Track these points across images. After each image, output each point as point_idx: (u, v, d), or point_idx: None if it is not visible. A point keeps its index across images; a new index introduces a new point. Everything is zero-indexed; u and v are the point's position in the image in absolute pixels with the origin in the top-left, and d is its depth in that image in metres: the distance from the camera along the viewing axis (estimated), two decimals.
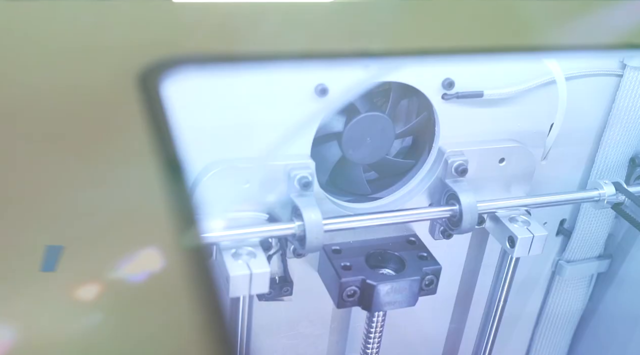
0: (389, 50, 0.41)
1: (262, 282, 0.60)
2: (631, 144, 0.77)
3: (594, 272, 0.86)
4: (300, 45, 0.39)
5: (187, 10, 0.37)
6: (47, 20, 0.33)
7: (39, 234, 0.31)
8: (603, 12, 0.46)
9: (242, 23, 0.38)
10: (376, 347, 0.73)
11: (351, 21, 0.40)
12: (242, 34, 0.38)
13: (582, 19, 0.45)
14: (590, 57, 0.68)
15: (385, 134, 0.69)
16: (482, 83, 0.67)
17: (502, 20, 0.45)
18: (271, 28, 0.38)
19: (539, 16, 0.45)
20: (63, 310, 0.31)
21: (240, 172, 0.62)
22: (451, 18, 0.43)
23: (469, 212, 0.67)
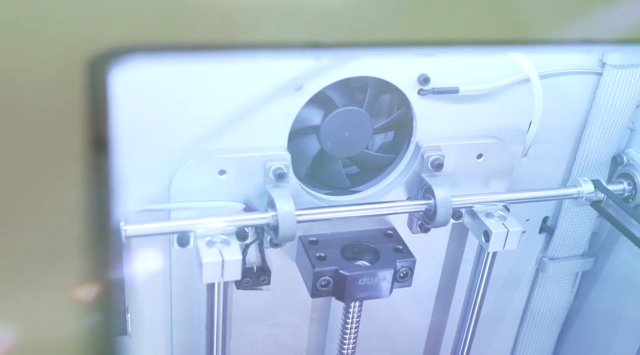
0: (345, 41, 0.42)
1: (234, 269, 0.62)
2: (612, 142, 0.77)
3: (578, 270, 0.87)
4: (256, 35, 0.41)
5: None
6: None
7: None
8: (584, 6, 0.46)
9: (201, 11, 0.40)
10: (353, 337, 0.74)
11: (310, 11, 0.42)
12: (202, 22, 0.40)
13: (563, 13, 0.46)
14: (570, 52, 0.69)
15: (364, 129, 0.70)
16: (459, 79, 0.68)
17: (477, 12, 0.46)
18: (228, 16, 0.40)
19: (516, 9, 0.45)
20: None
21: (216, 162, 0.64)
22: (423, 8, 0.43)
23: (443, 206, 0.68)
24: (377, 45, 0.44)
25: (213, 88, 0.61)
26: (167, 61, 0.52)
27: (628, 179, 0.77)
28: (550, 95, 0.73)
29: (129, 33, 0.40)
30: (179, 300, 0.71)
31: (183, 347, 0.74)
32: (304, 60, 0.61)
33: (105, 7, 0.39)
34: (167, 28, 0.41)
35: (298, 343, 0.79)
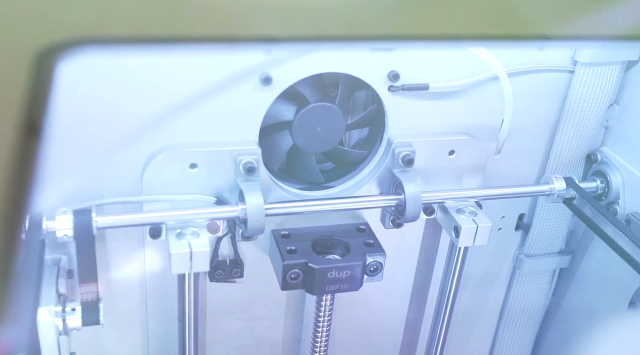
0: (297, 36, 0.43)
1: (203, 261, 0.63)
2: (586, 140, 0.78)
3: (555, 267, 0.87)
4: (207, 28, 0.42)
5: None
6: None
7: None
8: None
9: (153, 4, 0.41)
10: (326, 330, 0.75)
11: (262, 4, 0.43)
12: (154, 15, 0.41)
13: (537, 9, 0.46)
14: (546, 47, 0.70)
15: (336, 124, 0.71)
16: (429, 76, 0.69)
17: (437, 6, 0.46)
18: (178, 9, 0.41)
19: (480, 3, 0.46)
20: None
21: (187, 156, 0.65)
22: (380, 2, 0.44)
23: (412, 201, 0.69)
24: (330, 39, 0.45)
25: (169, 81, 0.62)
26: (119, 54, 0.53)
27: (601, 177, 0.78)
28: (523, 92, 0.74)
29: (79, 25, 0.41)
30: (153, 292, 0.72)
31: (159, 338, 0.75)
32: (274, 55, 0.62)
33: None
34: (120, 20, 0.42)
35: (274, 336, 0.80)
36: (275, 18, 0.44)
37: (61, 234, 0.60)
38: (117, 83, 0.61)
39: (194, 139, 0.66)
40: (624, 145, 0.77)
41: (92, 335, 0.74)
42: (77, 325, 0.65)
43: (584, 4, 0.46)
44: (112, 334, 0.75)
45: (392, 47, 0.62)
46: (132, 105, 0.62)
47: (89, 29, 0.42)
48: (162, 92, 0.63)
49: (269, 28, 0.44)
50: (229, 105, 0.65)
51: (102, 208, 0.66)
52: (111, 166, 0.65)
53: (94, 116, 0.61)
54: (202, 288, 0.74)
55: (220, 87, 0.65)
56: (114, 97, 0.62)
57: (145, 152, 0.65)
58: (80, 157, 0.63)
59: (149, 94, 0.63)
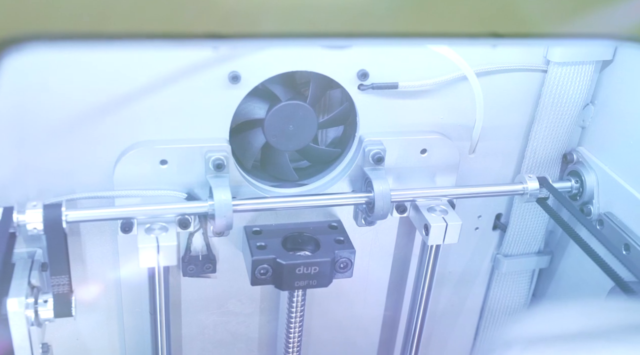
0: (246, 32, 0.44)
1: (170, 255, 0.65)
2: (561, 140, 0.77)
3: (534, 267, 0.87)
4: (154, 25, 0.43)
5: None
6: None
7: None
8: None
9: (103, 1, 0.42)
10: (299, 326, 0.76)
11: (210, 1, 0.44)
12: (103, 12, 0.42)
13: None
14: (498, 46, 0.70)
15: (308, 123, 0.72)
16: (398, 75, 0.70)
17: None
18: (128, 6, 0.42)
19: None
20: None
21: (157, 152, 0.67)
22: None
23: (381, 199, 0.70)
24: (278, 36, 0.46)
25: (140, 77, 0.63)
26: (67, 50, 0.54)
27: (576, 177, 0.78)
28: (496, 91, 0.74)
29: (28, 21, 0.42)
30: (128, 285, 0.74)
31: (134, 331, 0.76)
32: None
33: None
34: (68, 16, 0.44)
35: (249, 331, 0.81)
36: (221, 15, 0.45)
37: (31, 227, 0.62)
38: (85, 79, 0.62)
39: (166, 136, 0.68)
40: (599, 145, 0.77)
41: (69, 327, 0.75)
42: (49, 317, 0.66)
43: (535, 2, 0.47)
44: (89, 326, 0.76)
45: (346, 44, 0.62)
46: (102, 101, 0.64)
47: (38, 24, 0.43)
48: (133, 88, 0.64)
49: (214, 25, 0.45)
50: (199, 102, 0.67)
51: (75, 203, 0.68)
52: (84, 162, 0.67)
53: (64, 112, 0.63)
54: (176, 283, 0.75)
55: (187, 84, 0.66)
56: (83, 93, 0.63)
57: (118, 149, 0.67)
58: (52, 153, 0.65)
59: (118, 90, 0.64)
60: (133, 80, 0.64)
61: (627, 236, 0.71)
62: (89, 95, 0.63)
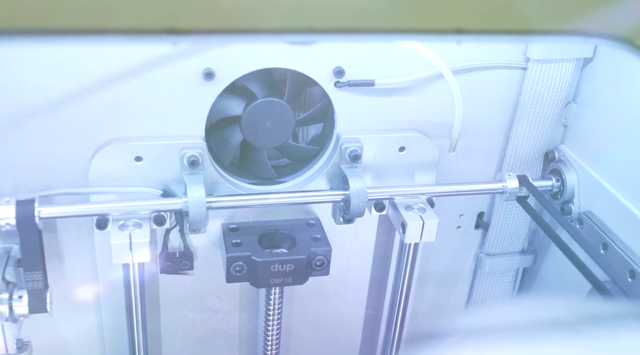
0: (204, 28, 0.44)
1: (142, 251, 0.65)
2: (543, 138, 0.77)
3: (518, 267, 0.87)
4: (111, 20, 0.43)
5: None
6: None
7: None
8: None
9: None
10: (277, 323, 0.76)
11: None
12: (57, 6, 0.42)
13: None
14: (463, 42, 0.69)
15: (285, 120, 0.72)
16: (375, 72, 0.70)
17: None
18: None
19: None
20: None
21: (132, 149, 0.67)
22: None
23: (357, 197, 0.70)
24: (238, 32, 0.46)
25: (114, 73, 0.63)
26: (20, 45, 0.54)
27: (558, 175, 0.77)
28: (476, 89, 0.74)
29: None
30: (105, 282, 0.74)
31: (113, 327, 0.76)
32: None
33: None
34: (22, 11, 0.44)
35: (229, 329, 0.81)
36: (179, 10, 0.45)
37: (4, 222, 0.62)
38: (60, 74, 0.62)
39: (141, 133, 0.68)
40: (580, 143, 0.76)
41: (48, 324, 0.75)
42: (25, 313, 0.66)
43: None
44: (68, 322, 0.76)
45: (311, 40, 0.62)
46: (77, 97, 0.64)
47: None
48: (108, 84, 0.64)
49: (172, 20, 0.45)
50: (174, 99, 0.67)
51: (51, 199, 0.68)
52: (60, 158, 0.67)
53: (38, 108, 0.63)
54: (153, 279, 0.75)
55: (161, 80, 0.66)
56: (57, 89, 0.63)
57: (93, 145, 0.67)
58: (28, 149, 0.65)
59: (94, 86, 0.64)
60: (108, 76, 0.64)
61: (605, 235, 0.70)
62: (63, 90, 0.64)
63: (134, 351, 0.73)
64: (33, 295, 0.66)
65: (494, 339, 0.33)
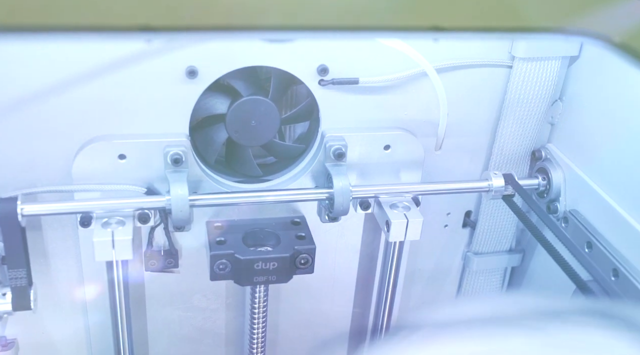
0: (176, 25, 0.44)
1: (125, 249, 0.65)
2: (529, 136, 0.77)
3: (506, 265, 0.86)
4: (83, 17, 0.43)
5: None
6: None
7: None
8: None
9: None
10: (262, 322, 0.76)
11: None
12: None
13: None
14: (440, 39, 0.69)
15: (270, 118, 0.72)
16: (359, 70, 0.70)
17: None
18: None
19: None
20: None
21: (115, 147, 0.67)
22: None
23: (341, 195, 0.70)
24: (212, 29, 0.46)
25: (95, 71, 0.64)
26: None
27: (544, 174, 0.77)
28: (461, 87, 0.74)
29: None
30: (90, 279, 0.74)
31: (99, 325, 0.76)
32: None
33: None
34: None
35: (216, 327, 0.81)
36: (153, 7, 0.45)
37: None
38: (43, 72, 0.63)
39: (126, 131, 0.68)
40: (567, 142, 0.76)
41: (34, 321, 0.76)
42: (8, 310, 0.67)
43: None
44: (54, 320, 0.77)
45: (286, 38, 0.62)
46: (61, 95, 0.64)
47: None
48: (91, 82, 0.65)
49: (146, 17, 0.45)
50: (157, 97, 0.67)
51: (35, 197, 0.68)
52: (44, 156, 0.67)
53: (23, 105, 0.63)
54: (138, 277, 0.75)
55: (144, 78, 0.66)
56: (41, 86, 0.64)
57: (78, 143, 0.67)
58: (12, 147, 0.65)
59: (77, 84, 0.64)
60: (92, 74, 0.64)
61: (590, 234, 0.70)
62: (47, 88, 0.64)
63: (119, 349, 0.73)
64: (16, 292, 0.66)
65: (442, 334, 0.33)
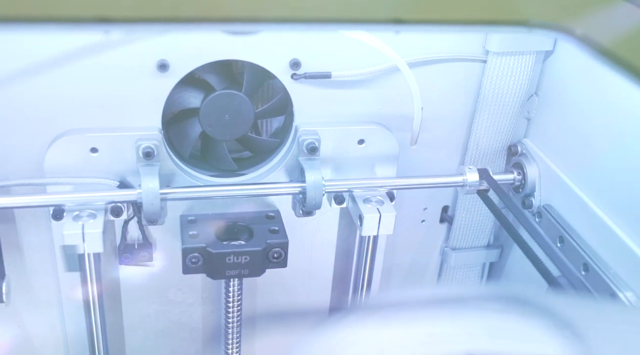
0: (136, 17, 0.44)
1: (95, 242, 0.65)
2: (505, 131, 0.77)
3: (484, 261, 0.86)
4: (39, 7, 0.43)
5: None
6: None
7: None
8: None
9: None
10: (237, 315, 0.76)
11: None
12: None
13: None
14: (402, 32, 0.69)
15: (244, 112, 0.72)
16: (331, 65, 0.70)
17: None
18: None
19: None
20: None
21: (87, 140, 0.67)
22: None
23: (313, 189, 0.70)
24: (171, 20, 0.46)
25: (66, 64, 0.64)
26: None
27: (520, 169, 0.77)
28: (436, 82, 0.73)
29: None
30: (65, 273, 0.74)
31: (74, 319, 0.77)
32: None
33: None
34: None
35: (192, 321, 0.81)
36: None
37: None
38: (15, 64, 0.63)
39: (98, 124, 0.68)
40: (542, 137, 0.76)
41: (9, 314, 0.76)
42: None
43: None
44: (29, 313, 0.77)
45: (247, 30, 0.62)
46: (33, 88, 0.65)
47: None
48: (64, 75, 0.65)
49: (104, 9, 0.45)
50: (129, 91, 0.67)
51: (9, 190, 0.68)
52: (17, 149, 0.67)
53: None
54: (113, 271, 0.75)
55: (116, 72, 0.66)
56: (13, 79, 0.64)
57: (50, 136, 0.67)
58: None
59: (49, 77, 0.65)
60: (64, 67, 0.64)
61: (562, 229, 0.70)
62: (17, 80, 0.64)
63: (92, 342, 0.73)
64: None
65: (390, 312, 0.33)
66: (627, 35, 0.46)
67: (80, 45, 0.64)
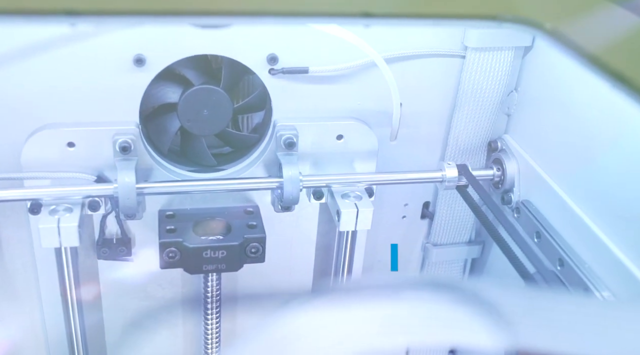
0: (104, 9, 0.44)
1: (71, 236, 0.65)
2: (484, 127, 0.76)
3: (466, 257, 0.86)
4: None
5: None
6: None
7: None
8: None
9: None
10: (216, 310, 0.76)
11: None
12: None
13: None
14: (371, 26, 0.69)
15: (222, 107, 0.72)
16: (309, 60, 0.69)
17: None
18: None
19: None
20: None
21: (64, 135, 0.67)
22: None
23: (290, 184, 0.70)
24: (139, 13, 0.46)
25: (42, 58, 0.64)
26: None
27: (499, 165, 0.77)
28: (415, 77, 0.73)
29: None
30: (43, 267, 0.74)
31: (53, 313, 0.77)
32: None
33: None
34: None
35: (172, 316, 0.82)
36: None
37: None
38: None
39: (75, 119, 0.68)
40: (521, 133, 0.76)
41: None
42: None
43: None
44: (9, 307, 0.77)
45: (217, 23, 0.62)
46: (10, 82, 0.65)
47: None
48: (40, 70, 0.65)
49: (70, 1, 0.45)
50: (106, 85, 0.67)
51: None
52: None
53: None
54: (92, 266, 0.75)
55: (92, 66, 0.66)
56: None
57: (26, 130, 0.67)
58: None
59: (25, 71, 0.65)
60: (39, 61, 0.65)
61: (539, 224, 0.70)
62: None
63: (71, 337, 0.73)
64: None
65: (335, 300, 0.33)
66: (597, 30, 0.46)
67: (57, 39, 0.64)
